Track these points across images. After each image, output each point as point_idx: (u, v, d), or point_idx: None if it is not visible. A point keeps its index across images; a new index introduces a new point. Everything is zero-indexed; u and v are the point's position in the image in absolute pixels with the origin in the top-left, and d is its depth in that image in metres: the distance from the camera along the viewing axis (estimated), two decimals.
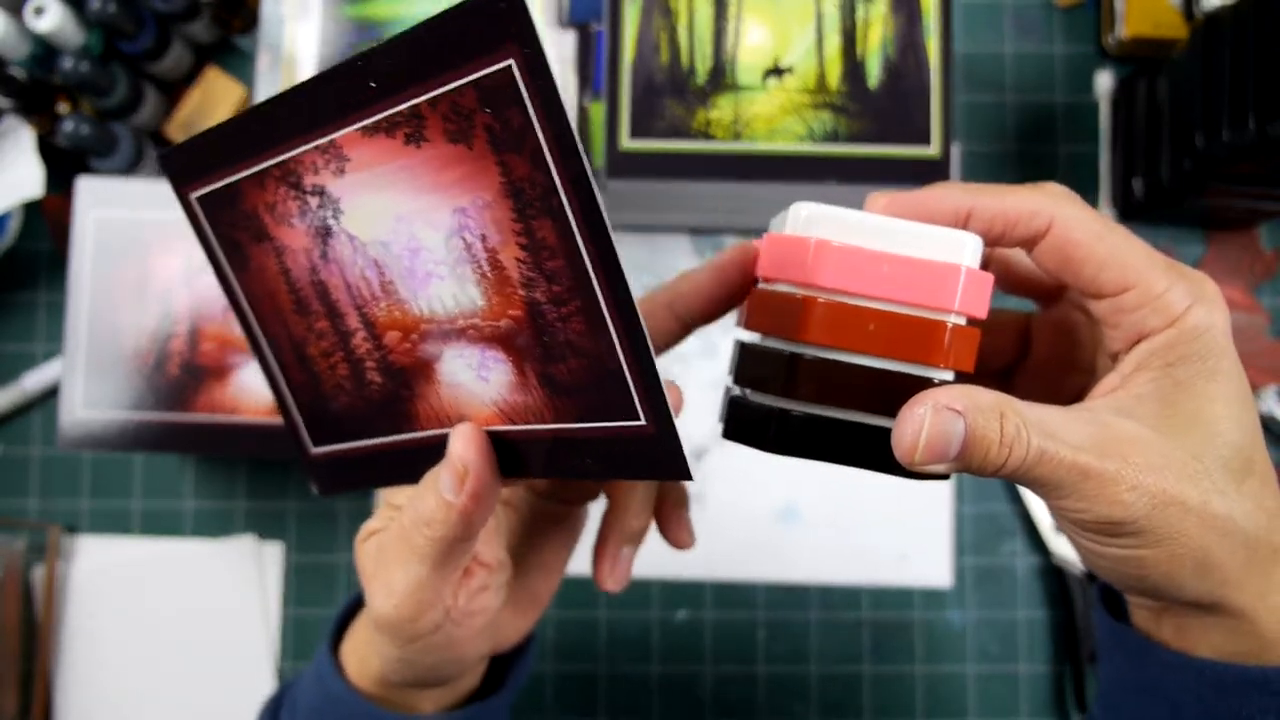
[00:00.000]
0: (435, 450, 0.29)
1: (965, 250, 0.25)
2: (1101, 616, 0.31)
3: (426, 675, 0.33)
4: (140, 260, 0.49)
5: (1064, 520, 0.25)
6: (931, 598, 0.62)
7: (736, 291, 0.31)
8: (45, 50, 0.58)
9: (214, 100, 0.62)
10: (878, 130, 0.52)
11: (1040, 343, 0.33)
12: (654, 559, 0.36)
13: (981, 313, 0.26)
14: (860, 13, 0.52)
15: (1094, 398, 0.26)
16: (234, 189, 0.29)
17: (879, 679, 0.61)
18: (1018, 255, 0.31)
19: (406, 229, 0.27)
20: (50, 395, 0.63)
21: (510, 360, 0.27)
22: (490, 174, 0.25)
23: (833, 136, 0.52)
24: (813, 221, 0.25)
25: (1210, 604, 0.26)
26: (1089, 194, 0.64)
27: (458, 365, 0.28)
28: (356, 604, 0.38)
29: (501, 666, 0.39)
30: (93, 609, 0.62)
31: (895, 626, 0.62)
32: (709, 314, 0.32)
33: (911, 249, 0.25)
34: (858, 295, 0.25)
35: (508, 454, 0.29)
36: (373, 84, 0.26)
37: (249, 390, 0.49)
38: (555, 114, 0.23)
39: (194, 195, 0.30)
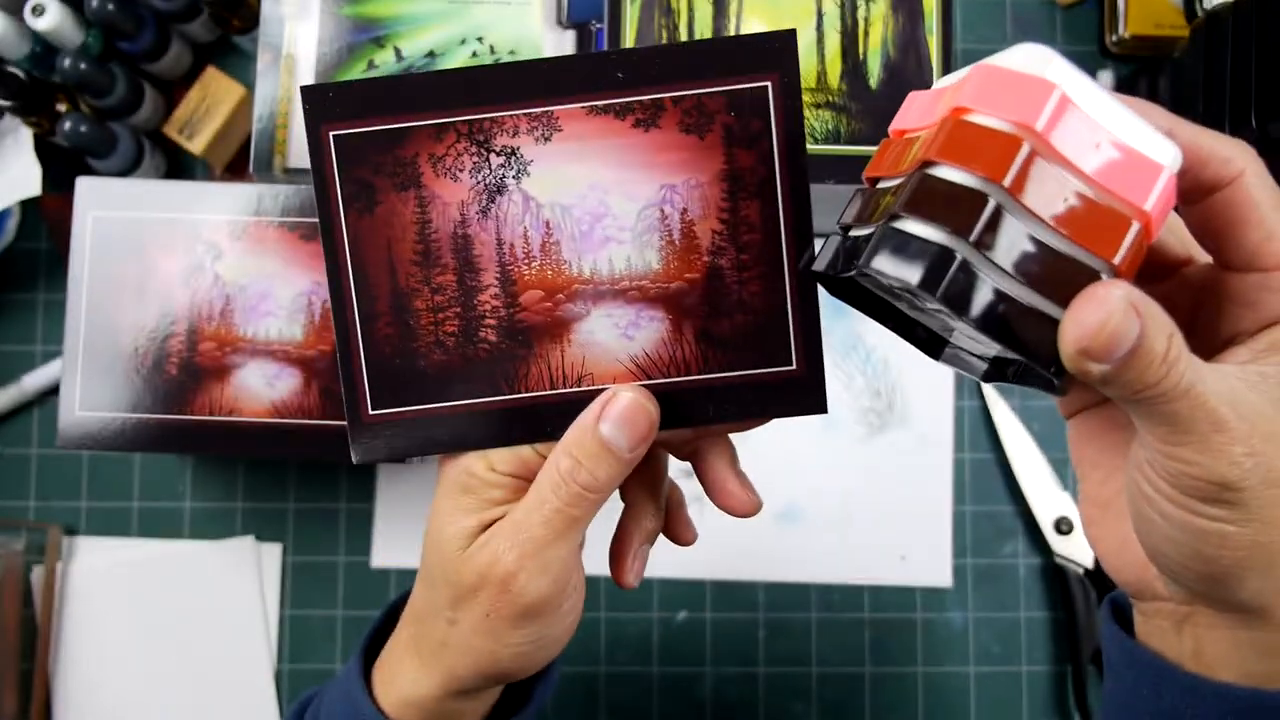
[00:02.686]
0: (535, 412, 0.31)
1: (1169, 154, 0.24)
2: (1113, 631, 0.30)
3: (548, 649, 0.33)
4: (139, 260, 0.49)
5: (1163, 472, 0.24)
6: (931, 598, 0.62)
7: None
8: (44, 49, 0.57)
9: (214, 100, 0.62)
10: (879, 130, 0.52)
11: None
12: (654, 559, 0.36)
13: (1156, 230, 0.24)
14: (861, 11, 0.52)
15: (1226, 360, 0.25)
16: (394, 135, 0.31)
17: (879, 679, 0.61)
18: None
19: (599, 196, 0.31)
20: (49, 395, 0.63)
21: (669, 318, 0.31)
22: (714, 161, 0.30)
23: (834, 136, 0.52)
24: (1052, 68, 0.23)
25: (1257, 609, 0.24)
26: None
27: (603, 324, 0.31)
28: (385, 625, 0.38)
29: (519, 688, 0.38)
30: (92, 609, 0.61)
31: (895, 626, 0.61)
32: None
33: (1125, 136, 0.23)
34: (1069, 163, 0.23)
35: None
36: (620, 74, 0.30)
37: (248, 390, 0.49)
38: (795, 123, 0.30)
39: (332, 133, 0.31)
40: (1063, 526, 0.60)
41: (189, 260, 0.49)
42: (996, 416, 0.62)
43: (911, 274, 0.23)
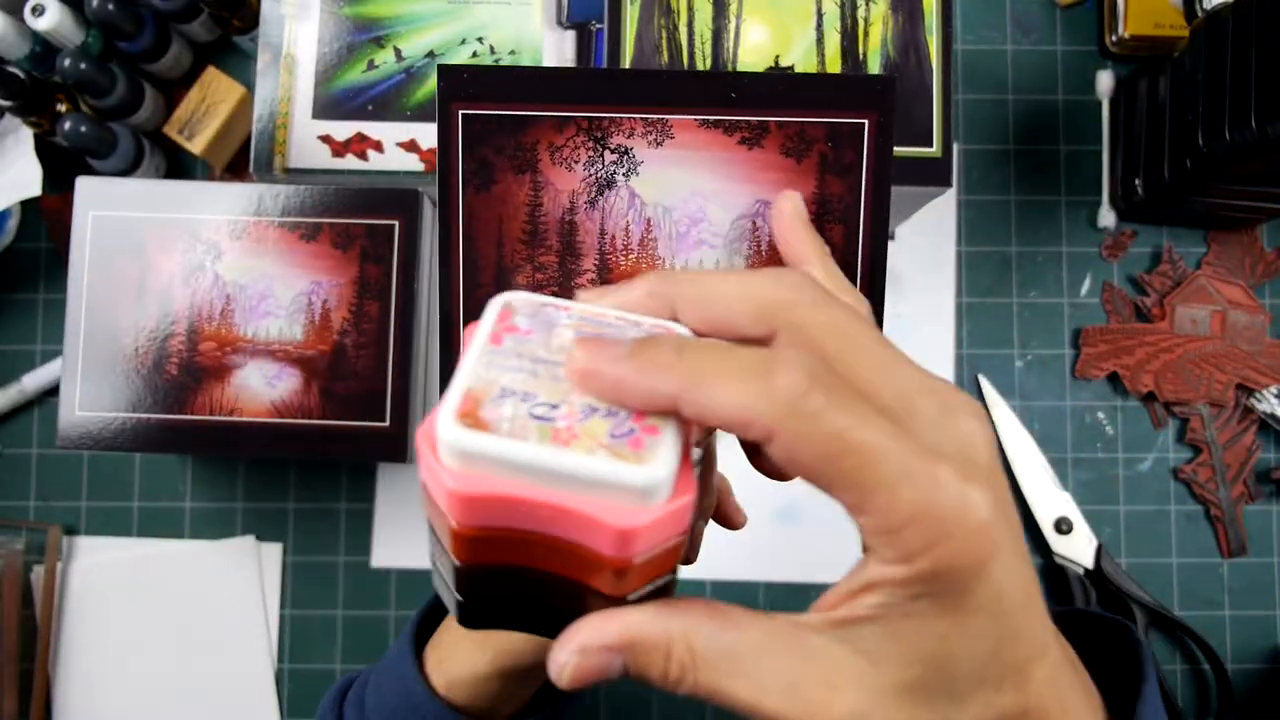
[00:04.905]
0: None
1: (641, 511, 0.20)
2: None
3: None
4: (139, 260, 0.49)
5: None
6: None
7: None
8: (44, 49, 0.57)
9: (214, 100, 0.62)
10: None
11: None
12: None
13: (670, 535, 0.21)
14: (861, 11, 0.52)
15: (818, 609, 0.22)
16: (519, 122, 0.33)
17: None
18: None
19: (699, 202, 0.34)
20: (50, 395, 0.63)
21: None
22: (807, 184, 0.33)
23: None
24: (455, 449, 0.19)
25: None
26: (1091, 194, 0.64)
27: None
28: (436, 606, 0.38)
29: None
30: (92, 610, 0.61)
31: None
32: None
33: (581, 491, 0.19)
34: (516, 529, 0.20)
35: None
36: (733, 94, 0.33)
37: (248, 390, 0.49)
38: (884, 160, 0.33)
39: (461, 111, 0.34)
40: (1062, 526, 0.60)
41: (189, 260, 0.49)
42: (996, 416, 0.62)
43: (452, 609, 0.25)
